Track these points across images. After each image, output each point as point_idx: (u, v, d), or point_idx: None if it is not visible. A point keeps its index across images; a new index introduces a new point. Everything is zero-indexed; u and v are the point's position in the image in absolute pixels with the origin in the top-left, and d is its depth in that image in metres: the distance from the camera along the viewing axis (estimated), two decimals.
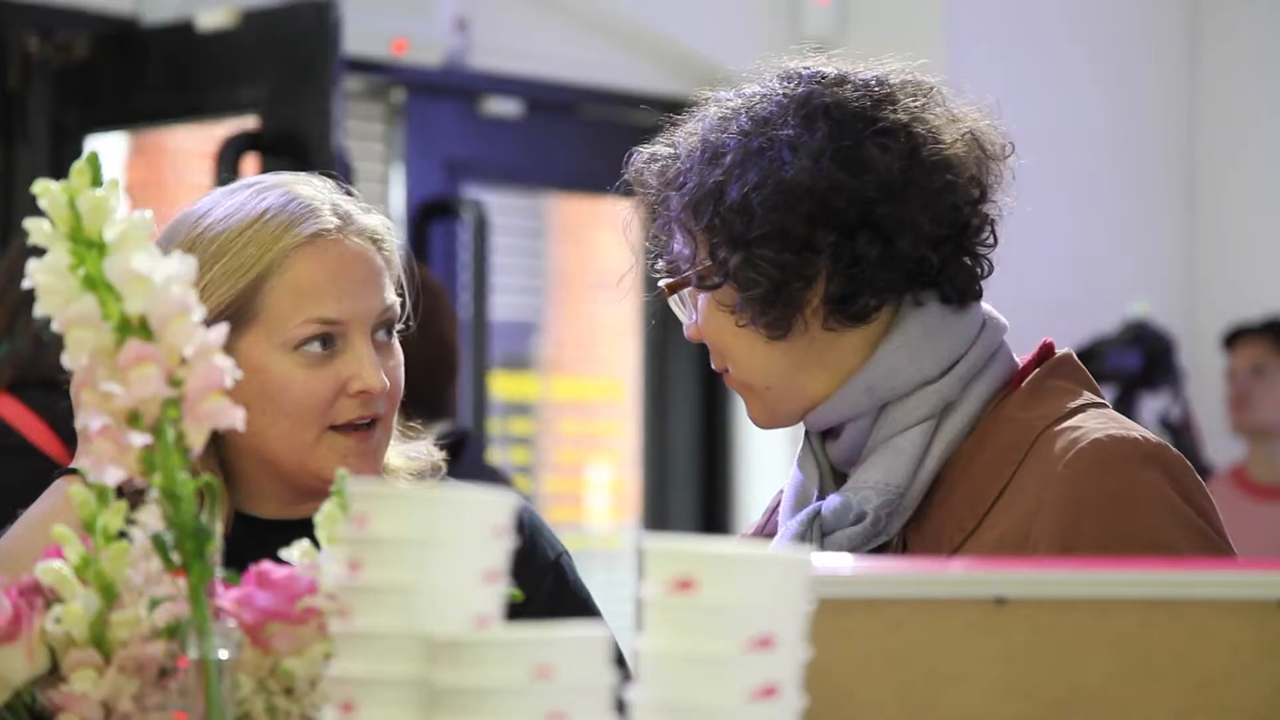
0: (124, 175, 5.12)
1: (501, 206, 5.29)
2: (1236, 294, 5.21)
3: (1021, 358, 1.88)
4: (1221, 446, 5.12)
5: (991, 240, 1.87)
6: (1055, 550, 1.71)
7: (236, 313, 1.87)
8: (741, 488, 5.21)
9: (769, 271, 1.80)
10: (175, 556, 1.38)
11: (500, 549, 1.30)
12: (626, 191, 1.98)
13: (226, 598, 1.45)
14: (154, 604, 1.45)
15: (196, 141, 5.04)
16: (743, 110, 1.86)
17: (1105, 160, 5.02)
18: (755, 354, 1.85)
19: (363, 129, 4.73)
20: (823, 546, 1.82)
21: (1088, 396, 1.82)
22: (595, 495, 6.34)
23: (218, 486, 1.43)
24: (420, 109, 4.79)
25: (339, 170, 2.05)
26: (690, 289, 1.90)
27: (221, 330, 1.40)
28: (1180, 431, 4.95)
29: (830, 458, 1.90)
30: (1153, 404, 5.10)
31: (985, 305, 1.90)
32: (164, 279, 1.38)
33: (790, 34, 5.05)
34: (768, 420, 1.91)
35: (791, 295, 1.81)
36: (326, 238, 1.91)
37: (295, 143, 3.97)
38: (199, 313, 1.40)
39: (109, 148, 5.03)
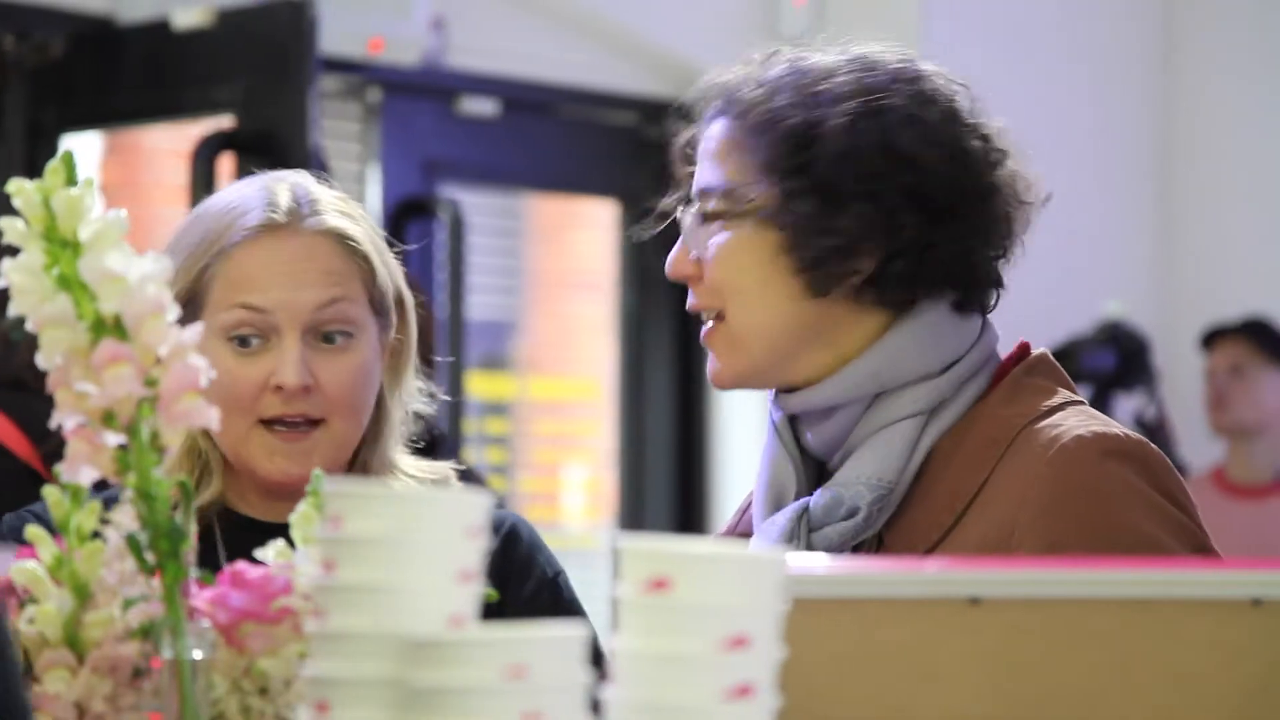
0: (99, 174, 5.10)
1: (478, 206, 5.29)
2: (1210, 294, 5.22)
3: (1004, 356, 1.88)
4: (1197, 446, 5.13)
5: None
6: (1040, 546, 1.71)
7: (188, 301, 1.88)
8: (718, 488, 5.21)
9: (849, 227, 1.78)
10: (150, 557, 1.38)
11: (475, 549, 1.30)
12: (683, 115, 1.93)
13: (201, 598, 1.45)
14: (128, 604, 1.45)
15: (172, 141, 5.02)
16: (845, 69, 1.84)
17: (1080, 161, 5.03)
18: (771, 305, 1.81)
19: (339, 128, 4.73)
20: (810, 542, 1.80)
21: (1065, 394, 1.82)
22: (571, 495, 6.33)
23: (192, 488, 1.42)
24: (397, 108, 4.78)
25: (315, 170, 2.05)
26: (702, 220, 1.85)
27: (196, 329, 1.40)
28: (1155, 431, 4.97)
29: (809, 446, 1.86)
30: (1127, 404, 5.11)
31: None
32: (138, 278, 1.38)
33: (767, 34, 5.05)
34: (739, 379, 1.85)
35: (851, 259, 1.79)
36: (272, 231, 1.91)
37: (271, 142, 3.96)
38: (174, 312, 1.39)
39: (84, 147, 5.01)
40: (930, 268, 1.80)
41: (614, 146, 5.18)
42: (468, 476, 3.49)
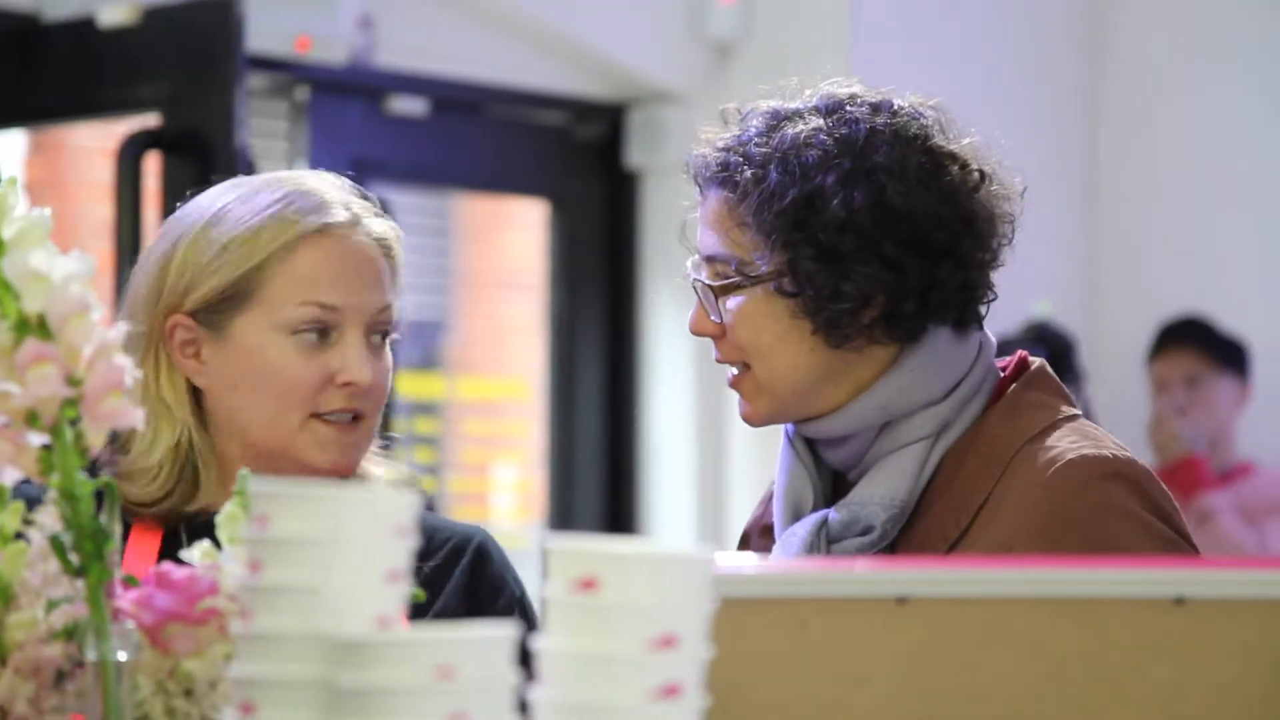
0: (23, 173, 5.06)
1: (407, 206, 5.27)
2: (1137, 295, 5.26)
3: (1002, 364, 2.01)
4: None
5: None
6: None
7: (236, 293, 1.93)
8: (647, 488, 5.21)
9: (861, 285, 1.91)
10: (73, 558, 1.37)
11: (403, 549, 1.29)
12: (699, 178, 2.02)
13: (125, 599, 1.44)
14: (51, 606, 1.44)
15: (97, 139, 4.99)
16: (824, 130, 1.95)
17: (1008, 162, 5.04)
18: (793, 358, 1.95)
19: (266, 127, 4.70)
20: (829, 553, 1.93)
21: (1063, 410, 1.95)
22: (501, 495, 6.32)
23: (117, 488, 1.42)
24: (325, 107, 4.76)
25: (242, 169, 2.06)
26: (714, 285, 1.96)
27: (120, 329, 1.39)
28: None
29: (827, 461, 2.00)
30: None
31: None
32: (62, 278, 1.37)
33: (695, 35, 5.06)
34: (767, 419, 1.99)
35: (862, 311, 1.92)
36: (335, 230, 1.96)
37: (198, 141, 3.94)
38: (98, 311, 1.38)
39: (8, 145, 4.98)
40: (944, 299, 1.94)
41: (543, 146, 5.18)
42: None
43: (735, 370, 1.99)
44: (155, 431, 1.95)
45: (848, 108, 1.96)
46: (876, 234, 1.91)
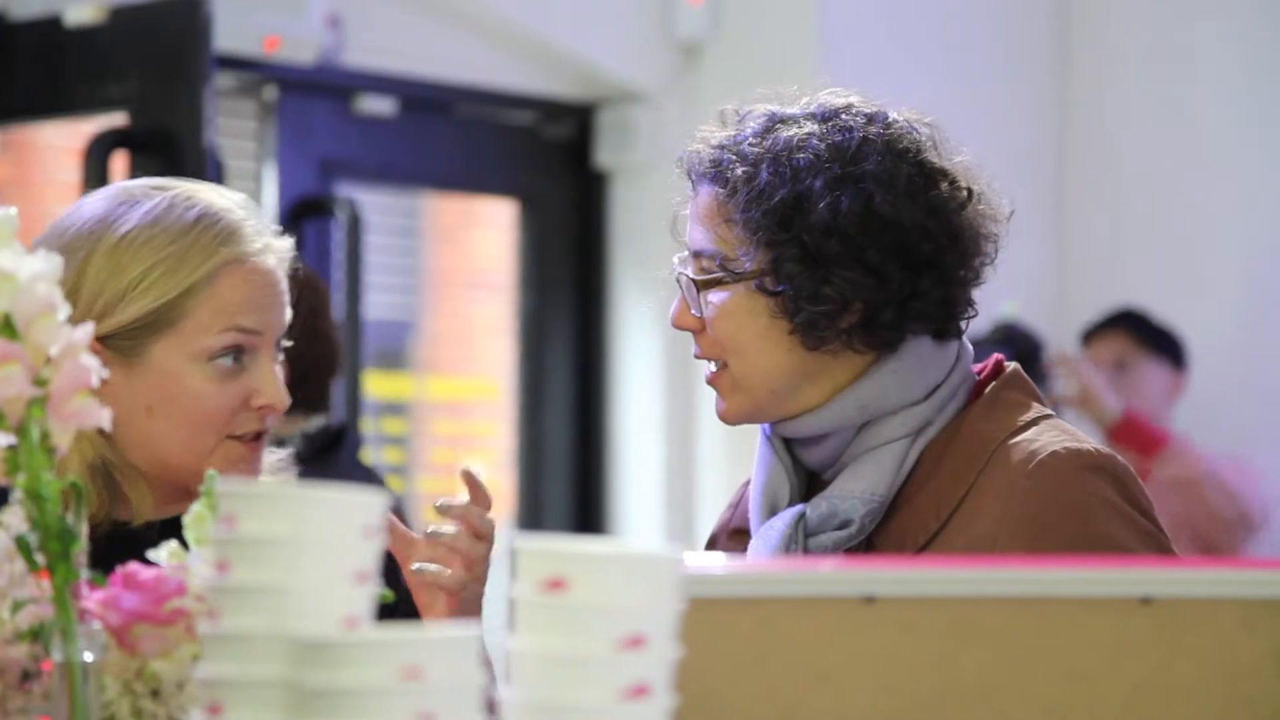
0: None
1: (376, 205, 5.26)
2: (1104, 296, 5.27)
3: (978, 368, 2.05)
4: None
5: None
6: (1023, 554, 1.86)
7: (156, 321, 1.93)
8: (616, 488, 5.21)
9: (841, 289, 1.94)
10: (39, 558, 1.37)
11: (370, 549, 1.29)
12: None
13: (92, 599, 1.43)
14: (17, 606, 1.43)
15: (65, 138, 4.97)
16: (819, 135, 1.98)
17: (976, 162, 5.04)
18: (770, 357, 1.97)
19: (235, 126, 4.69)
20: (807, 546, 1.95)
21: (1037, 409, 1.99)
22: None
23: (84, 488, 1.41)
24: (293, 106, 4.75)
25: (210, 168, 2.06)
26: (698, 280, 1.98)
27: (87, 329, 1.38)
28: None
29: (803, 461, 2.02)
30: None
31: None
32: (29, 277, 1.36)
33: (663, 35, 5.06)
34: (743, 417, 2.01)
35: (841, 315, 1.95)
36: (252, 258, 1.97)
37: (166, 140, 3.92)
38: (64, 311, 1.38)
39: None
40: (924, 310, 1.97)
41: (512, 146, 5.17)
42: (367, 475, 3.48)
43: (714, 367, 2.01)
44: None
45: (842, 116, 2.00)
46: (861, 240, 1.94)
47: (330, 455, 3.36)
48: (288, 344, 2.01)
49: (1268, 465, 5.03)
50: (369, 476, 3.49)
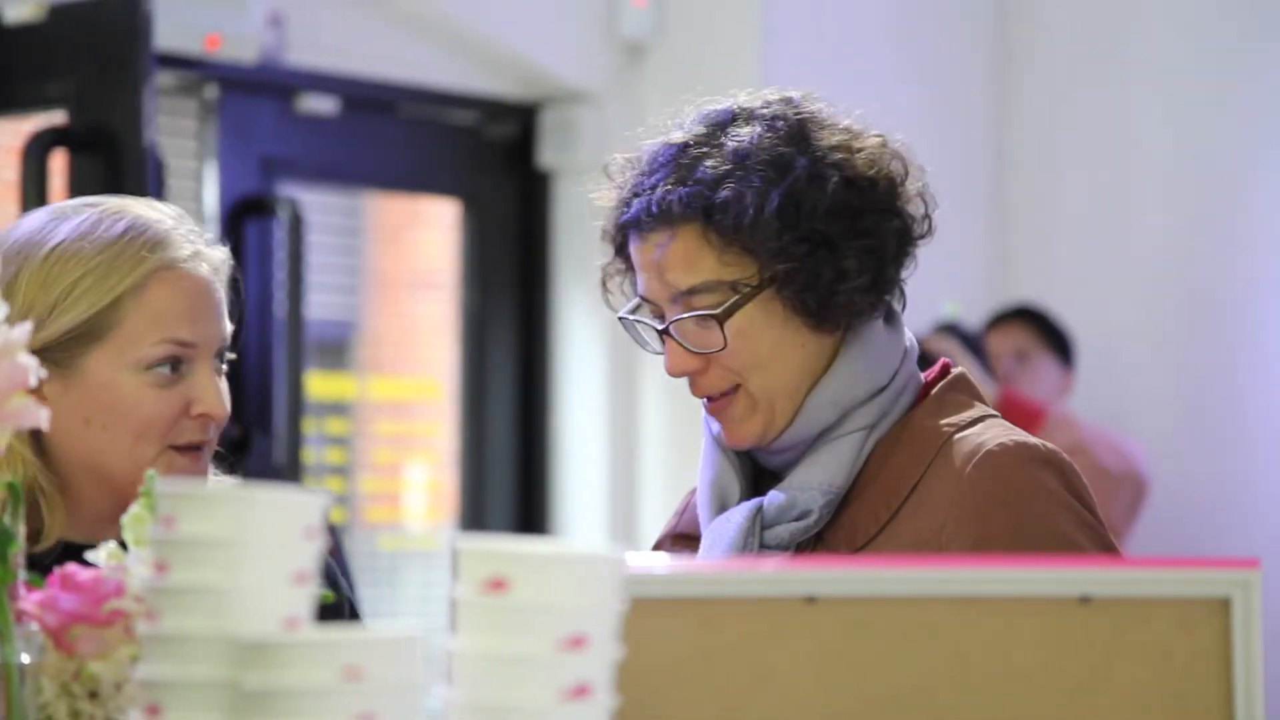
0: None
1: (318, 205, 5.24)
2: (1043, 295, 5.30)
3: (925, 374, 2.07)
4: None
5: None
6: (968, 544, 1.89)
7: (88, 331, 1.93)
8: (559, 489, 5.21)
9: (858, 258, 1.96)
10: None
11: (311, 550, 1.29)
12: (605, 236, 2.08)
13: (30, 600, 1.43)
14: None
15: (3, 136, 4.94)
16: (761, 134, 1.98)
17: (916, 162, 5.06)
18: (791, 359, 1.98)
19: (175, 125, 4.67)
20: (763, 539, 1.96)
21: (981, 409, 2.02)
22: (412, 496, 6.31)
23: (21, 490, 1.40)
24: (234, 105, 4.73)
25: (151, 167, 2.05)
26: (697, 318, 1.97)
27: (25, 328, 1.37)
28: None
29: (766, 463, 2.03)
30: None
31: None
32: None
33: (608, 35, 5.06)
34: (758, 438, 1.99)
35: (857, 283, 1.97)
36: (181, 265, 1.96)
37: (105, 139, 3.90)
38: (2, 310, 1.37)
39: None
40: (894, 274, 2.00)
41: (455, 145, 5.17)
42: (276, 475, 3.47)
43: (717, 392, 1.99)
44: None
45: (760, 110, 2.01)
46: (858, 206, 1.97)
47: (239, 457, 3.36)
48: (231, 356, 2.00)
49: (1192, 452, 5.12)
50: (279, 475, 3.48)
